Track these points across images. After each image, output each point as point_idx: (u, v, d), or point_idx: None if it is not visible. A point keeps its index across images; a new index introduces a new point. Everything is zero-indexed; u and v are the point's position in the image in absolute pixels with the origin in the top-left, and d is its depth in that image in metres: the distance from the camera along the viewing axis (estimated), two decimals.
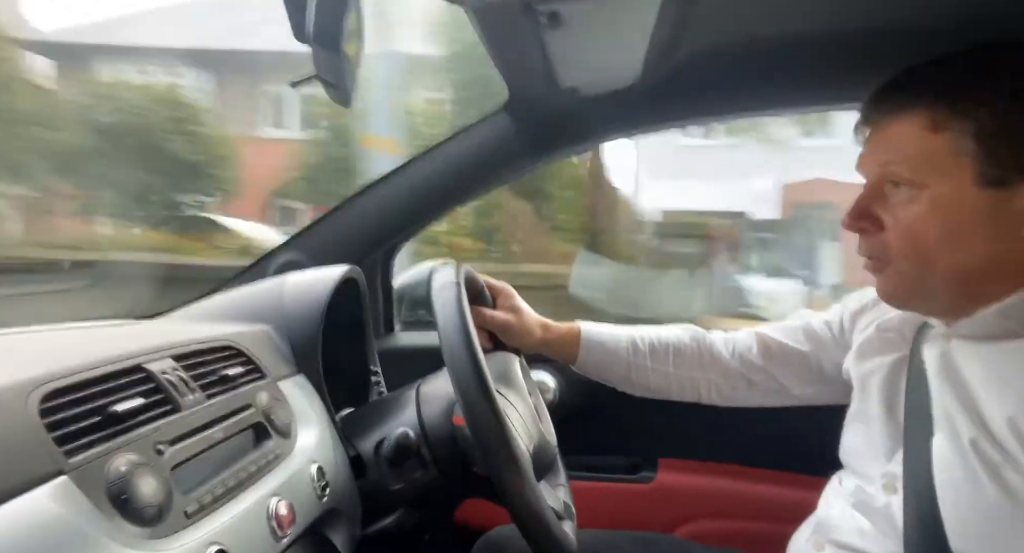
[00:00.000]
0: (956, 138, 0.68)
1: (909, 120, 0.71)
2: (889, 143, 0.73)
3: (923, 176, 0.70)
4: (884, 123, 0.74)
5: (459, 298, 0.77)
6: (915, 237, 0.71)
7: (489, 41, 0.94)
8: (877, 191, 0.75)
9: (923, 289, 0.73)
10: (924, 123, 0.70)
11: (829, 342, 0.98)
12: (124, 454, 0.53)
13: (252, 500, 0.63)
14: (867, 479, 0.81)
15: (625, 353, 1.05)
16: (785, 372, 1.02)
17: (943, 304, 0.74)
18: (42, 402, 0.52)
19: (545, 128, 1.22)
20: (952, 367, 0.73)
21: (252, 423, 0.71)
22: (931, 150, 0.69)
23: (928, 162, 0.70)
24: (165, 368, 0.65)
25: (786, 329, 1.04)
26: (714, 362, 1.05)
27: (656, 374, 1.05)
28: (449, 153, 1.25)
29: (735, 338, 1.07)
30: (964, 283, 0.71)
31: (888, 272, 0.75)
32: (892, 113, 0.73)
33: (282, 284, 0.94)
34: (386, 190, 1.27)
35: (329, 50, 0.67)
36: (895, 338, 0.84)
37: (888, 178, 0.73)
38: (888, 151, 0.73)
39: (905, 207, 0.72)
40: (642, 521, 1.19)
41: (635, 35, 0.90)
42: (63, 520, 0.46)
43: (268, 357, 0.83)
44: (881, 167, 0.74)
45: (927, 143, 0.69)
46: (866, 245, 0.77)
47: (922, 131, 0.70)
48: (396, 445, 0.80)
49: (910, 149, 0.71)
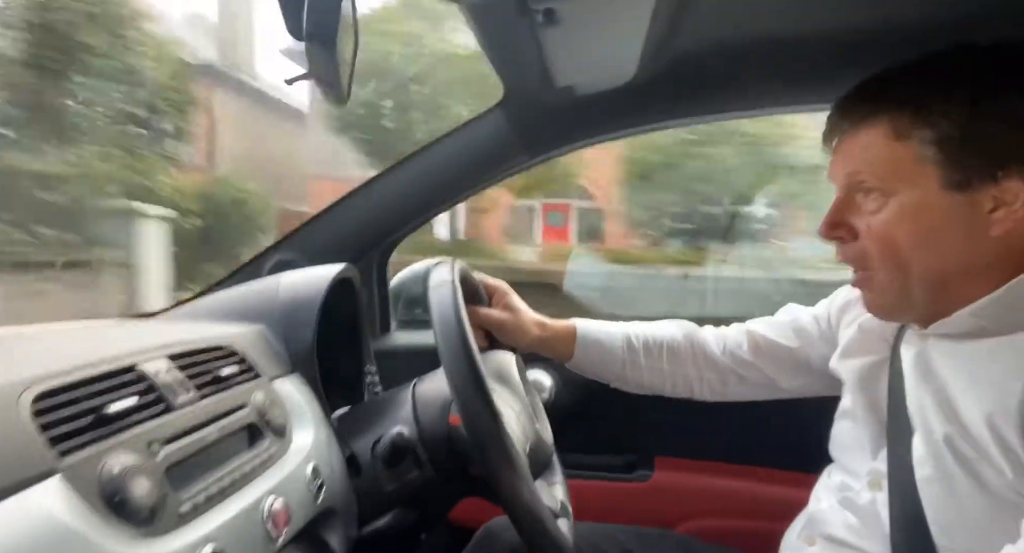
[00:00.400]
0: (918, 145, 0.69)
1: (873, 129, 0.72)
2: (855, 152, 0.74)
3: (890, 184, 0.71)
4: (850, 132, 0.75)
5: (455, 297, 0.77)
6: (889, 244, 0.72)
7: (485, 39, 0.94)
8: (848, 200, 0.76)
9: (906, 297, 0.74)
10: (887, 132, 0.71)
11: (816, 337, 0.99)
12: (118, 454, 0.53)
13: (247, 500, 0.63)
14: (854, 475, 0.83)
15: (620, 351, 1.06)
16: (774, 367, 1.03)
17: (924, 310, 0.75)
18: (35, 402, 0.51)
19: (540, 126, 1.22)
20: (928, 366, 0.74)
21: (247, 423, 0.71)
22: (895, 158, 0.71)
23: (894, 170, 0.71)
24: (159, 368, 0.65)
25: (775, 325, 1.05)
26: (706, 359, 1.06)
27: (650, 372, 1.06)
28: (444, 151, 1.25)
29: (726, 335, 1.08)
30: (942, 286, 0.72)
31: (874, 288, 0.77)
32: (856, 122, 0.74)
33: (277, 283, 0.94)
34: (381, 188, 1.27)
35: (324, 48, 0.67)
36: (875, 339, 0.85)
37: (857, 187, 0.74)
38: (854, 160, 0.74)
39: (876, 215, 0.73)
40: (639, 519, 1.19)
41: (630, 33, 0.90)
42: (56, 521, 0.46)
43: (263, 357, 0.83)
44: (849, 177, 0.75)
45: (891, 151, 0.71)
46: (843, 254, 0.78)
47: (886, 140, 0.71)
48: (392, 445, 0.80)
49: (875, 158, 0.72)
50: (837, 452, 0.89)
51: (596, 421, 1.29)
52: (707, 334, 1.08)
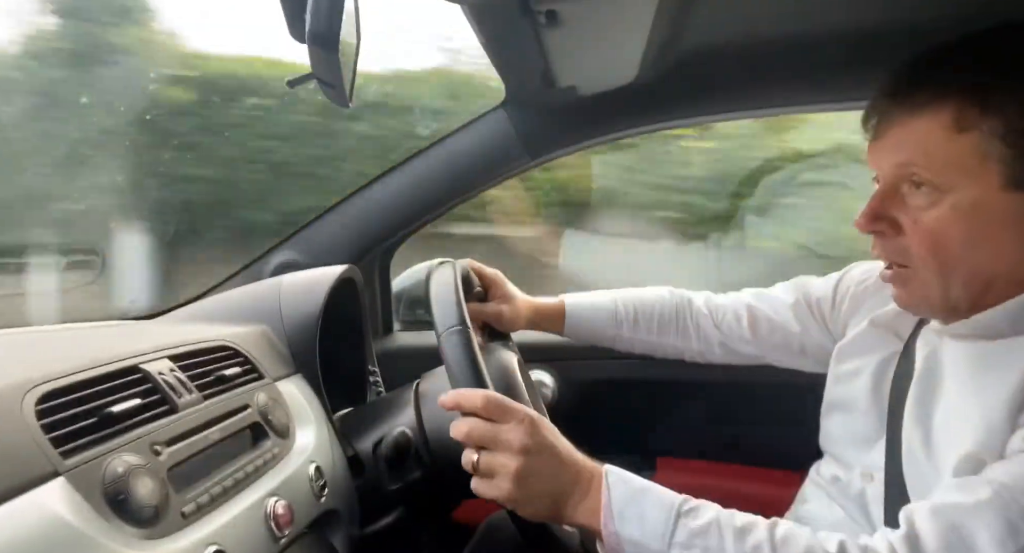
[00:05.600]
0: (982, 139, 0.64)
1: (933, 118, 0.65)
2: (908, 142, 0.68)
3: (947, 179, 0.65)
4: (903, 120, 0.68)
5: (457, 298, 0.77)
6: (938, 243, 0.67)
7: (487, 39, 0.94)
8: (893, 192, 0.70)
9: (944, 296, 0.69)
10: (949, 123, 0.65)
11: (815, 324, 0.98)
12: (121, 455, 0.53)
13: (250, 500, 0.63)
14: (846, 467, 0.82)
15: (608, 325, 1.07)
16: (768, 346, 1.03)
17: (958, 308, 0.71)
18: (38, 403, 0.52)
19: (542, 126, 1.22)
20: (939, 363, 0.73)
21: (249, 423, 0.71)
22: (956, 152, 0.65)
23: (953, 165, 0.65)
24: (162, 369, 0.65)
25: (778, 304, 1.02)
26: (697, 330, 1.06)
27: (640, 342, 1.08)
28: (446, 152, 1.25)
29: (722, 306, 1.06)
30: (985, 287, 0.68)
31: (910, 285, 0.72)
32: (912, 110, 0.67)
33: (279, 284, 0.94)
34: (383, 189, 1.27)
35: (327, 50, 0.67)
36: (887, 334, 0.84)
37: (905, 179, 0.68)
38: (908, 151, 0.68)
39: (926, 211, 0.67)
40: None
41: (632, 34, 0.90)
42: (60, 521, 0.46)
43: (266, 357, 0.83)
44: (898, 168, 0.69)
45: (951, 144, 0.65)
46: (882, 248, 0.73)
47: (947, 131, 0.65)
48: (394, 445, 0.80)
49: (933, 150, 0.66)
50: (829, 444, 0.87)
51: (597, 421, 1.29)
52: (700, 304, 1.07)
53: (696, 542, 0.61)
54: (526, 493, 0.65)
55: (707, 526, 0.62)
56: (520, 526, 0.71)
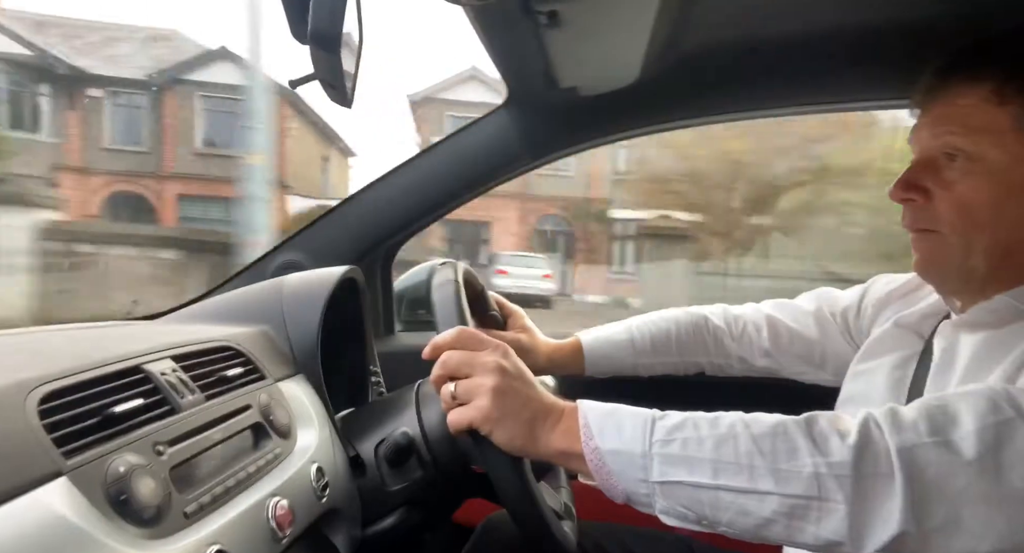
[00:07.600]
0: (1020, 112, 0.68)
1: (974, 92, 0.70)
2: (951, 115, 0.72)
3: (982, 148, 0.70)
4: (948, 96, 0.73)
5: (458, 297, 0.77)
6: (966, 208, 0.71)
7: (488, 40, 0.94)
8: (928, 162, 0.74)
9: (964, 263, 0.73)
10: (987, 96, 0.69)
11: (837, 333, 0.99)
12: (123, 455, 0.53)
13: (252, 501, 0.63)
14: None
15: (626, 355, 1.07)
16: (787, 357, 1.04)
17: (972, 279, 0.74)
18: (41, 403, 0.52)
19: (544, 127, 1.22)
20: (953, 357, 0.75)
21: (251, 424, 0.71)
22: (993, 122, 0.69)
23: (989, 135, 0.70)
24: (164, 369, 0.65)
25: (796, 313, 1.04)
26: (716, 345, 1.07)
27: (660, 365, 1.09)
28: (448, 152, 1.25)
29: (741, 318, 1.07)
30: (1006, 256, 0.71)
31: (935, 249, 0.75)
32: (956, 85, 0.72)
33: (281, 285, 0.94)
34: (385, 190, 1.27)
35: (328, 51, 0.67)
36: (909, 334, 0.85)
37: (943, 149, 0.72)
38: (949, 123, 0.72)
39: (959, 179, 0.71)
40: (641, 519, 1.19)
41: (634, 34, 0.90)
42: (62, 521, 0.46)
43: (267, 358, 0.83)
44: (938, 138, 0.73)
45: (989, 116, 0.69)
46: (912, 216, 0.76)
47: (986, 104, 0.69)
48: (396, 445, 0.80)
49: (972, 121, 0.70)
50: None
51: None
52: (718, 319, 1.08)
53: (675, 435, 0.63)
54: (503, 412, 0.66)
55: (682, 422, 0.64)
56: (520, 524, 0.71)
